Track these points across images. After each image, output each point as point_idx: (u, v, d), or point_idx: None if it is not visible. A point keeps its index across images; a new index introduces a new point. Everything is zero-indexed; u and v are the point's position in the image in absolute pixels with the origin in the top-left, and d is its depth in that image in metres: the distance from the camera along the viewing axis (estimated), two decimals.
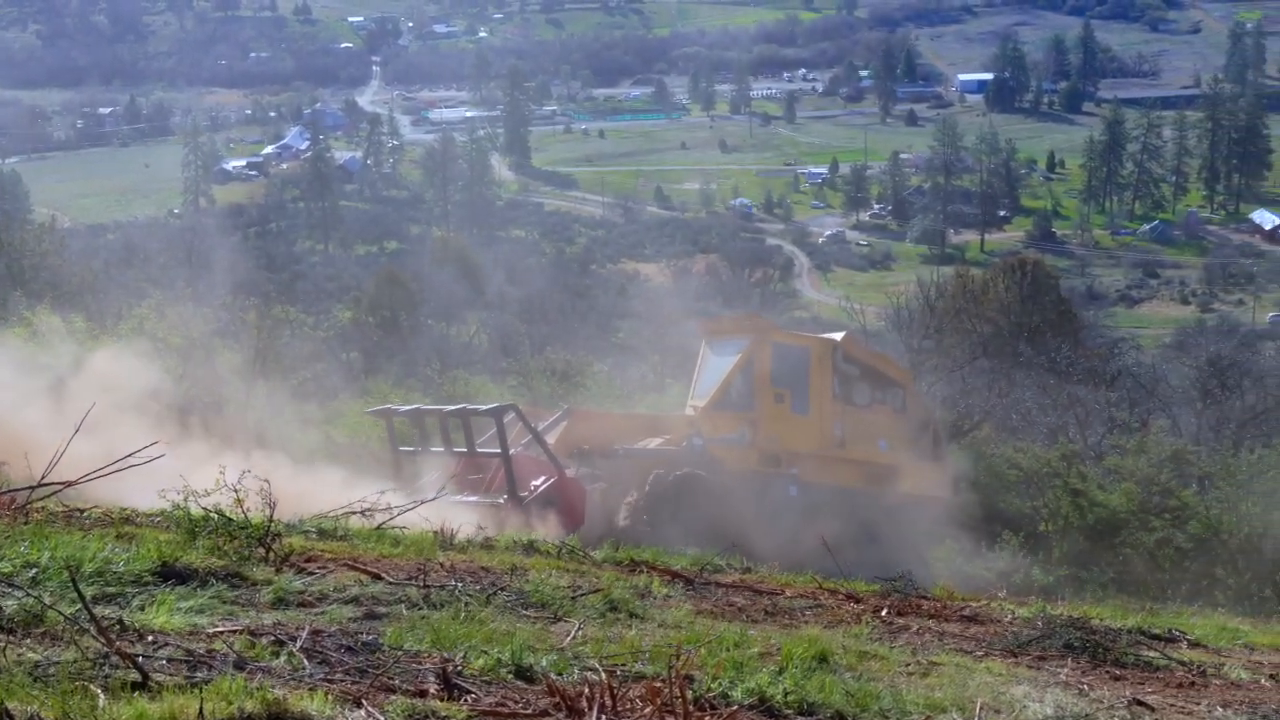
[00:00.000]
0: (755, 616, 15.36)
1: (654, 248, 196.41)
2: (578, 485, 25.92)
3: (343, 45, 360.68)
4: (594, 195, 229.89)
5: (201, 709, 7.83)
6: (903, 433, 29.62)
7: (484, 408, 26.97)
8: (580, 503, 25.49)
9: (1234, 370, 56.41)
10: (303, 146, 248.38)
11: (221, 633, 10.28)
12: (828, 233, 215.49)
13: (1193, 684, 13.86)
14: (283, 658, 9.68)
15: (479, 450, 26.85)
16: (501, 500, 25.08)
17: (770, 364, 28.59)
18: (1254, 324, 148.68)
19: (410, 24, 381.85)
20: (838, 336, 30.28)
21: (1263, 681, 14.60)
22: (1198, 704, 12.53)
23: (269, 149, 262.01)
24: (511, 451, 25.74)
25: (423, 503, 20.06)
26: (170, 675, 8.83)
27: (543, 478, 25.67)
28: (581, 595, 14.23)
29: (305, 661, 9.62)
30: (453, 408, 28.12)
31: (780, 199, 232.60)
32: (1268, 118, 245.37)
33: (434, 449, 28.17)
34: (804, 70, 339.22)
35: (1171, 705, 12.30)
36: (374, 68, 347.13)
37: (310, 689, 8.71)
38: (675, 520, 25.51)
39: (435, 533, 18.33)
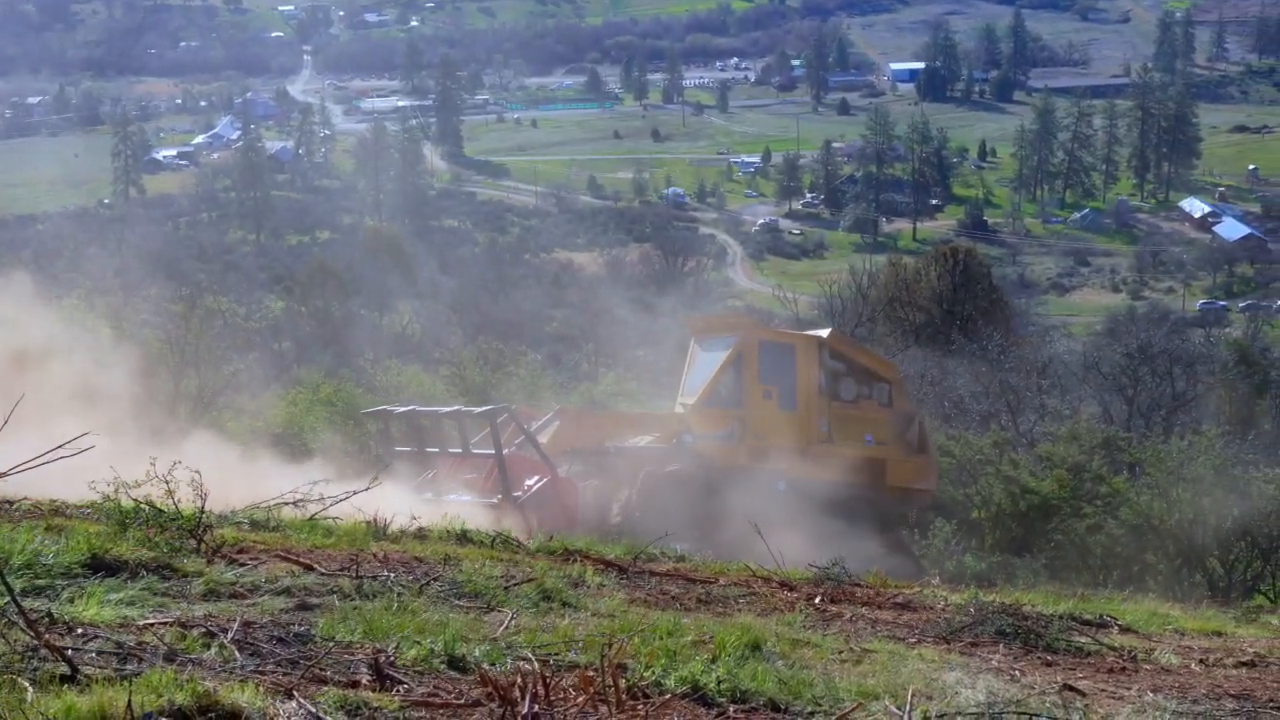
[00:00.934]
0: (689, 605, 15.37)
1: (587, 237, 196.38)
2: (571, 485, 26.27)
3: (274, 34, 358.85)
4: (527, 185, 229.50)
5: (130, 702, 7.77)
6: (889, 426, 29.80)
7: (478, 410, 27.34)
8: (574, 502, 25.83)
9: (1164, 357, 56.79)
10: (234, 136, 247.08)
11: (152, 625, 10.21)
12: (761, 221, 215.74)
13: (1123, 669, 13.94)
14: (214, 650, 9.62)
15: (474, 451, 27.11)
16: (496, 500, 25.29)
17: (758, 362, 28.88)
18: (1184, 311, 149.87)
19: (341, 13, 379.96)
20: (824, 333, 30.66)
21: (1193, 666, 14.70)
22: (1128, 689, 12.60)
23: (200, 138, 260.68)
24: (505, 452, 25.97)
25: (356, 493, 19.97)
26: (100, 668, 8.75)
27: (536, 477, 25.96)
28: (515, 585, 14.20)
29: (236, 653, 9.57)
30: (448, 409, 28.48)
31: (713, 188, 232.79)
32: (1197, 106, 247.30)
33: (430, 449, 28.30)
34: (736, 59, 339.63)
35: (1102, 690, 12.37)
36: (305, 57, 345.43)
37: (241, 681, 8.66)
38: (666, 516, 25.40)
39: (368, 523, 18.26)
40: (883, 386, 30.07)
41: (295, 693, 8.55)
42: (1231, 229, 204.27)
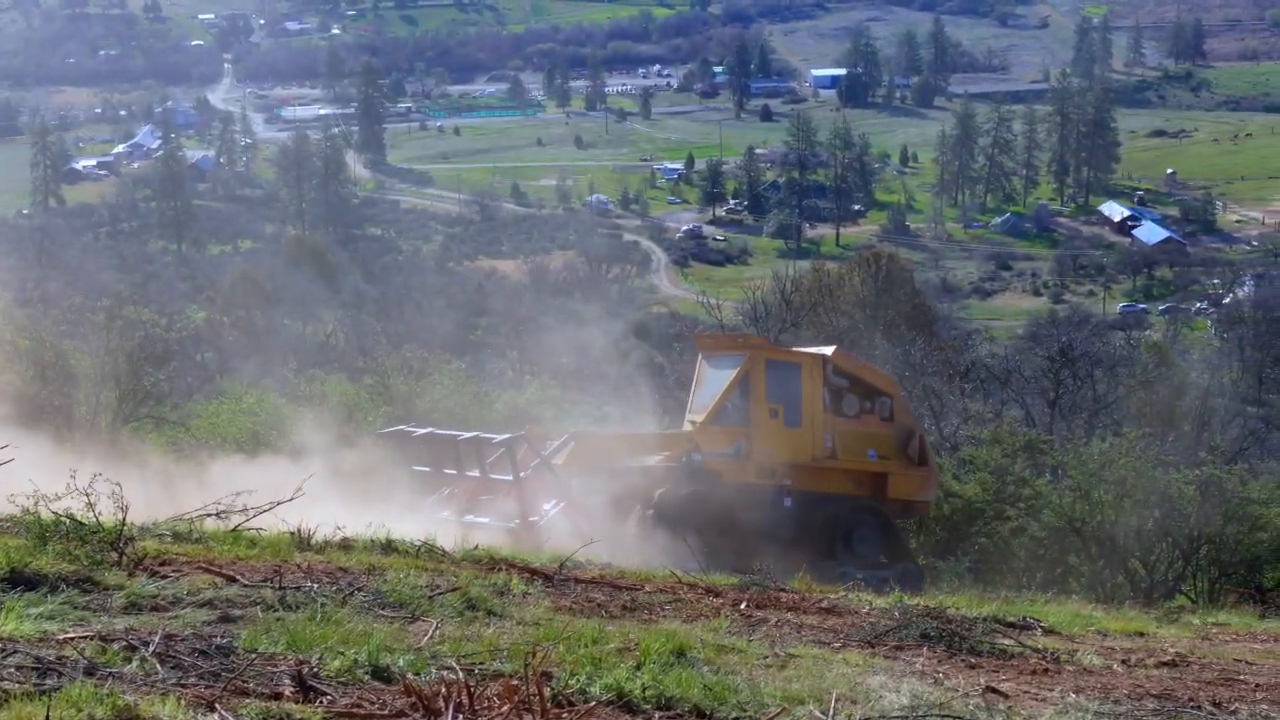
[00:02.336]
0: (614, 612, 15.36)
1: (511, 245, 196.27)
2: (584, 508, 26.69)
3: (193, 43, 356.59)
4: (450, 192, 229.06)
5: (49, 716, 7.71)
6: (890, 441, 30.27)
7: (498, 438, 27.72)
8: (587, 523, 26.06)
9: (1085, 360, 57.13)
10: (154, 145, 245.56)
11: (72, 639, 10.13)
12: (684, 228, 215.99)
13: (1046, 670, 14.04)
14: (135, 663, 9.55)
15: (491, 476, 27.56)
16: (514, 524, 25.86)
17: (765, 380, 29.29)
18: (1104, 314, 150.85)
19: (262, 21, 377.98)
20: (828, 351, 31.01)
21: (1115, 667, 14.81)
22: (1051, 690, 12.69)
23: (120, 148, 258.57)
24: (522, 475, 26.59)
25: (279, 504, 19.87)
26: (19, 683, 8.68)
27: (554, 502, 26.60)
28: (439, 594, 14.16)
29: (158, 666, 9.50)
30: (467, 435, 28.56)
31: (637, 195, 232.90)
32: (1115, 111, 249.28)
33: (448, 470, 28.51)
34: (659, 66, 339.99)
35: (1025, 692, 12.45)
36: (226, 65, 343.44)
37: (162, 694, 8.61)
38: (679, 534, 26.13)
39: (292, 534, 18.17)
40: (884, 401, 30.52)
41: (217, 705, 8.50)
42: (1151, 233, 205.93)
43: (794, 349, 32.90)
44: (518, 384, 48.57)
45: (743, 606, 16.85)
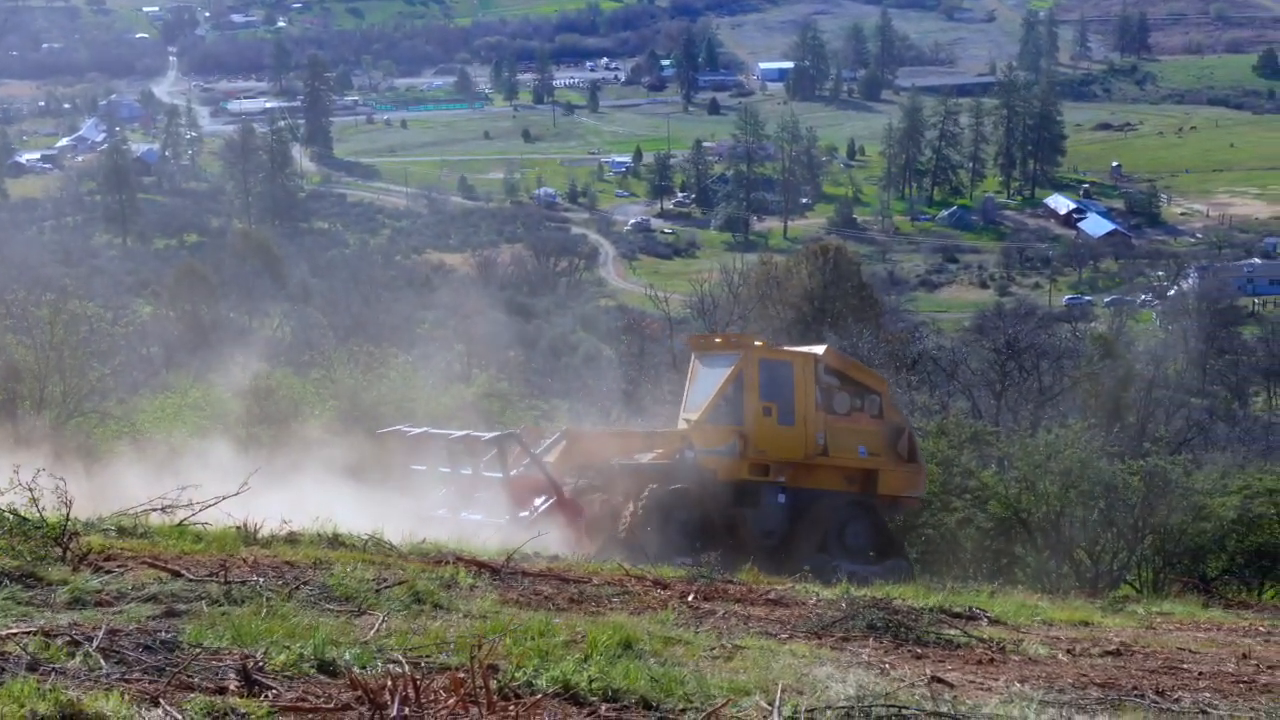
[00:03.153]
0: (561, 605, 15.37)
1: (458, 238, 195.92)
2: (575, 505, 27.08)
3: (138, 35, 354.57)
4: (397, 186, 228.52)
5: None
6: (880, 438, 30.57)
7: (487, 435, 28.20)
8: (578, 520, 26.68)
9: (1031, 352, 57.38)
10: (99, 139, 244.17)
11: (15, 634, 10.06)
12: (632, 221, 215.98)
13: (992, 660, 14.10)
14: (78, 658, 9.50)
15: (484, 474, 27.86)
16: (504, 521, 26.04)
17: (758, 379, 29.56)
18: (1050, 307, 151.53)
19: (207, 13, 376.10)
20: (819, 350, 31.41)
21: (1060, 656, 14.89)
22: (996, 680, 12.74)
23: (64, 141, 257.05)
24: (513, 473, 27.07)
25: (226, 498, 19.82)
26: None
27: (543, 498, 26.86)
28: (386, 587, 14.14)
29: (102, 661, 9.46)
30: (458, 434, 28.94)
31: (584, 188, 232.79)
32: (1061, 104, 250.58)
33: (443, 468, 28.81)
34: (606, 59, 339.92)
35: (971, 682, 12.50)
36: (171, 58, 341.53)
37: (106, 689, 8.57)
38: (670, 530, 26.68)
39: (238, 528, 18.12)
40: (873, 399, 30.78)
41: (161, 700, 8.47)
42: (1096, 225, 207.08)
43: (787, 348, 33.19)
44: (466, 377, 48.48)
45: (690, 598, 16.88)
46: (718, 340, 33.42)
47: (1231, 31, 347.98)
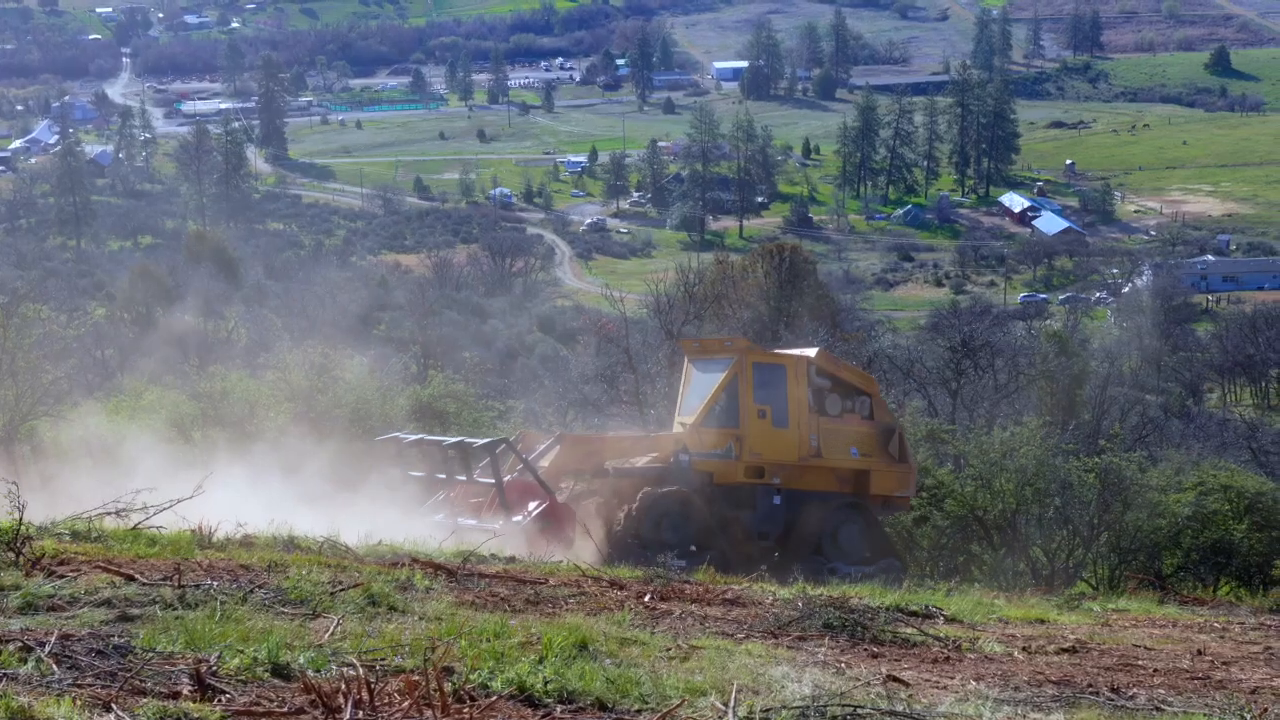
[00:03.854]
0: (518, 606, 15.32)
1: (414, 239, 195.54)
2: (568, 509, 27.10)
3: (91, 37, 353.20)
4: (352, 186, 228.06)
5: None
6: (871, 439, 30.72)
7: (479, 442, 28.46)
8: (570, 525, 26.65)
9: (986, 350, 57.59)
10: (52, 140, 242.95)
11: None
12: (588, 221, 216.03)
13: (948, 659, 14.13)
14: (30, 664, 9.44)
15: (477, 479, 28.11)
16: (498, 526, 26.10)
17: (752, 382, 29.75)
18: (1005, 304, 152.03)
19: (160, 15, 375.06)
20: (811, 353, 31.54)
21: (1015, 654, 14.93)
22: (952, 678, 12.76)
23: (17, 143, 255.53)
24: (507, 478, 27.23)
25: (180, 501, 19.75)
26: None
27: (536, 502, 26.91)
28: (341, 590, 14.08)
29: (54, 667, 9.40)
30: (451, 440, 29.25)
31: (540, 188, 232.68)
32: (1015, 103, 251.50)
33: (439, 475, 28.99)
34: (561, 59, 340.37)
35: (926, 680, 12.52)
36: (124, 59, 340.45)
37: (58, 695, 8.52)
38: (665, 532, 27.05)
39: (193, 531, 18.03)
40: (864, 400, 30.94)
41: (114, 705, 8.42)
42: (1050, 223, 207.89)
43: (779, 350, 33.37)
44: (421, 378, 48.33)
45: (647, 599, 16.86)
46: (711, 343, 33.56)
47: (1183, 29, 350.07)
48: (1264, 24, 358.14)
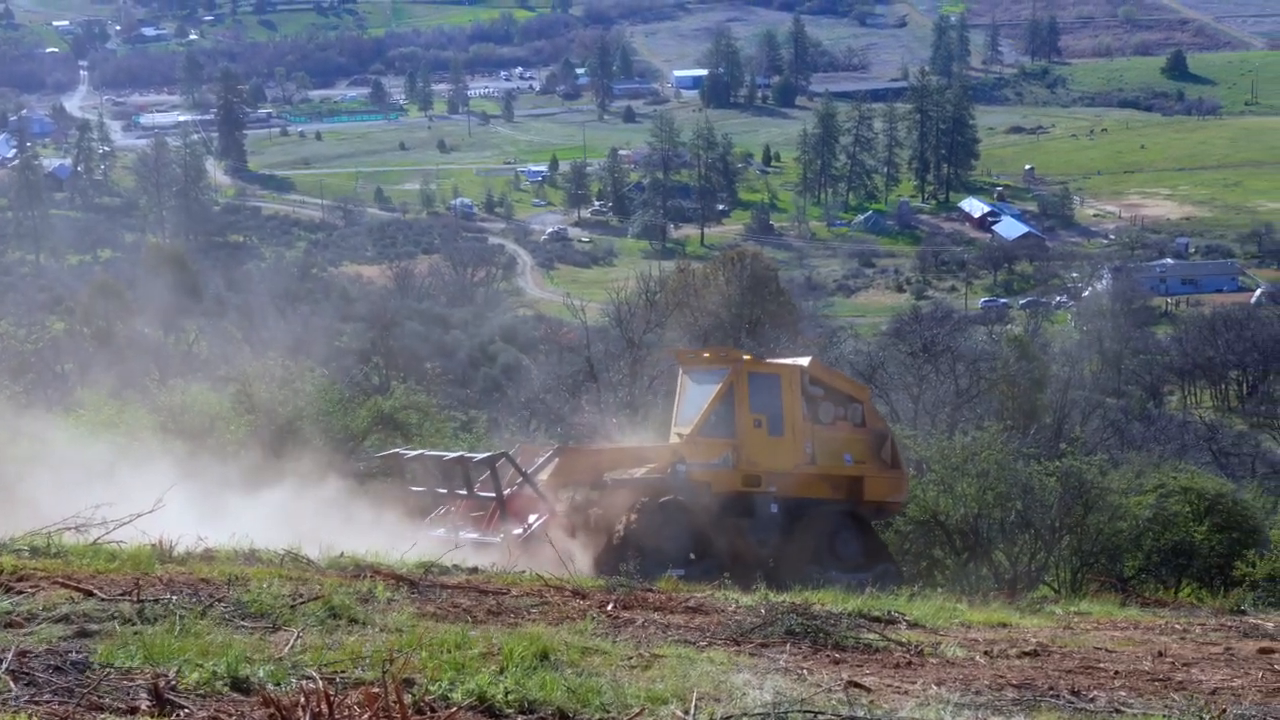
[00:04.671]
0: (479, 617, 15.30)
1: (375, 250, 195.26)
2: (567, 522, 27.33)
3: (48, 50, 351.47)
4: (313, 198, 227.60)
5: None
6: (864, 445, 30.98)
7: (479, 456, 28.60)
8: (570, 537, 26.85)
9: (947, 355, 57.71)
10: (9, 154, 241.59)
11: None
12: (550, 230, 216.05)
13: (910, 664, 14.16)
14: None
15: (479, 493, 28.31)
16: (498, 539, 26.46)
17: (748, 392, 30.02)
18: (966, 310, 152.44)
19: (118, 27, 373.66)
20: (804, 362, 31.73)
21: (977, 659, 14.96)
22: (914, 683, 12.78)
23: None
24: (507, 491, 27.55)
25: (139, 516, 19.67)
26: None
27: (536, 516, 27.23)
28: (302, 603, 14.03)
29: (11, 684, 9.35)
30: (451, 455, 29.51)
31: (501, 198, 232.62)
32: (973, 108, 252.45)
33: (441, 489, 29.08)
34: (521, 69, 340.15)
35: (888, 685, 12.54)
36: (82, 72, 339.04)
37: (14, 711, 8.48)
38: (663, 542, 27.06)
39: (153, 546, 17.95)
40: (855, 407, 31.16)
41: None
42: (1010, 228, 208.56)
43: (773, 360, 33.58)
44: (384, 389, 48.22)
45: (609, 608, 16.85)
46: (705, 355, 33.73)
47: (1140, 34, 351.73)
48: (1220, 28, 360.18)
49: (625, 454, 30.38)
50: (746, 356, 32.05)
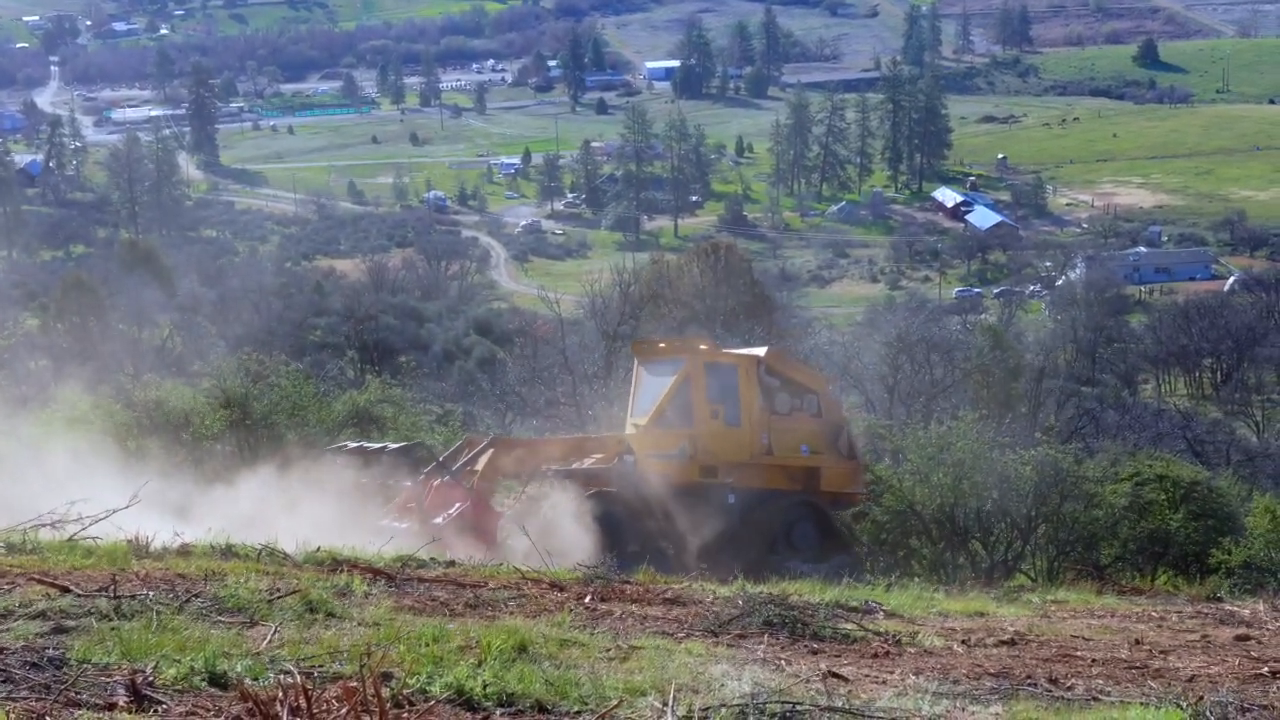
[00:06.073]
0: (457, 610, 15.27)
1: (349, 243, 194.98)
2: (490, 510, 27.33)
3: (18, 45, 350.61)
4: (285, 192, 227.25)
5: None
6: (821, 436, 30.95)
7: (395, 446, 28.86)
8: (493, 526, 26.74)
9: (922, 345, 57.84)
10: None
11: None
12: (523, 223, 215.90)
13: (887, 653, 14.16)
14: None
15: (403, 482, 28.11)
16: (404, 526, 26.11)
17: (705, 382, 30.09)
18: (941, 299, 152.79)
19: (88, 22, 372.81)
20: (761, 352, 31.81)
21: (955, 648, 14.97)
22: (891, 673, 12.80)
23: None
24: (443, 480, 27.47)
25: (114, 512, 19.64)
26: None
27: (458, 504, 26.96)
28: (279, 597, 13.99)
29: None
30: (375, 446, 29.26)
31: (474, 190, 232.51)
32: (946, 98, 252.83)
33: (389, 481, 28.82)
34: (493, 61, 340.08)
35: (866, 675, 12.55)
36: (53, 68, 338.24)
37: None
38: (606, 534, 26.60)
39: (129, 542, 17.90)
40: (812, 398, 31.09)
41: (48, 718, 8.36)
42: (983, 217, 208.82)
43: (730, 350, 33.48)
44: (358, 383, 48.18)
45: (587, 600, 16.84)
46: (661, 345, 33.65)
47: (1111, 23, 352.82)
48: (1190, 16, 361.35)
49: (563, 445, 30.33)
50: (703, 346, 32.07)
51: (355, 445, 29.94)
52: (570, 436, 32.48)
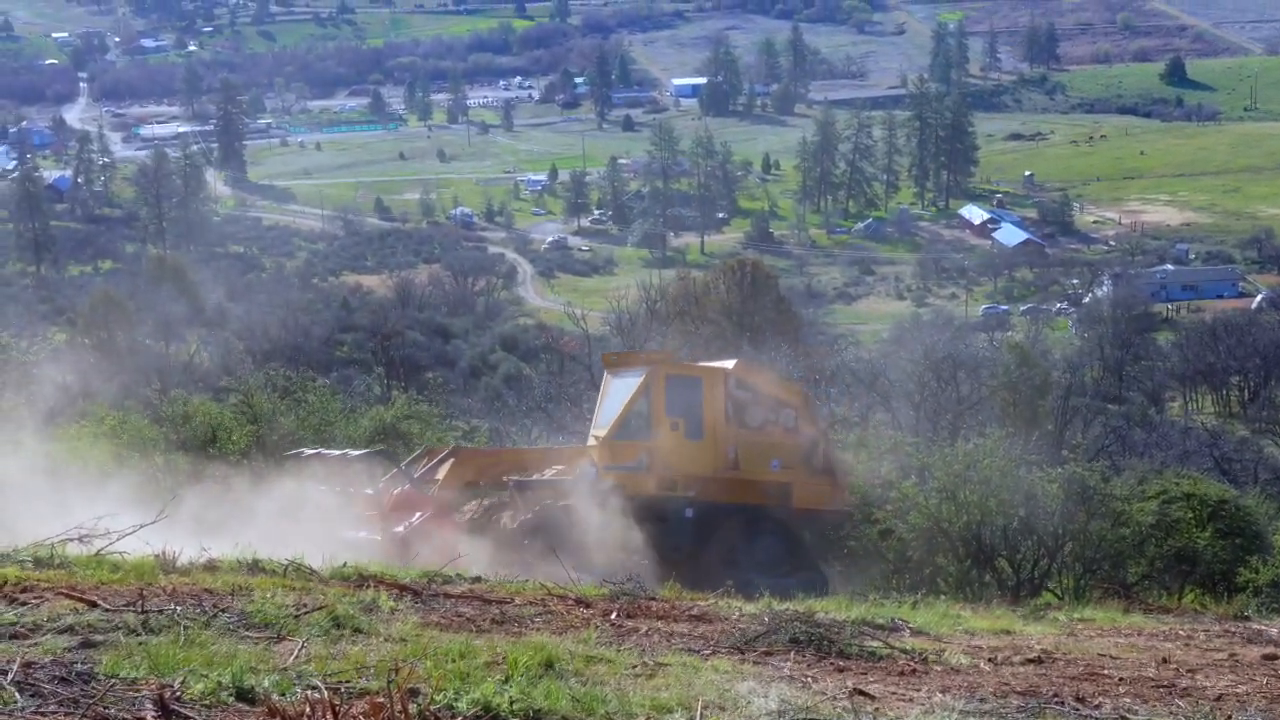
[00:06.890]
0: (483, 626, 15.27)
1: (375, 259, 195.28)
2: (450, 519, 27.22)
3: (48, 61, 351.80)
4: (313, 208, 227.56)
5: None
6: (795, 451, 30.61)
7: (355, 453, 28.95)
8: (452, 535, 26.49)
9: (948, 363, 57.67)
10: (9, 166, 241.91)
11: None
12: (549, 239, 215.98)
13: (914, 671, 14.12)
14: None
15: (366, 491, 28.03)
16: (361, 535, 26.15)
17: (665, 395, 29.78)
18: (967, 317, 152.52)
19: (117, 39, 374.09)
20: (729, 365, 31.42)
21: (981, 665, 14.93)
22: (918, 690, 12.77)
23: None
24: (404, 488, 27.48)
25: (142, 526, 19.67)
26: None
27: (419, 513, 26.94)
28: (306, 613, 14.01)
29: (17, 695, 9.35)
30: (335, 453, 29.20)
31: (501, 207, 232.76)
32: (972, 115, 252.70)
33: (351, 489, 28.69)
34: (520, 78, 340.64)
35: (893, 693, 12.52)
36: (81, 84, 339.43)
37: None
38: (562, 545, 26.14)
39: (157, 557, 17.94)
40: (788, 412, 30.84)
41: None
42: (1010, 235, 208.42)
43: (696, 363, 33.35)
44: (385, 399, 48.27)
45: (613, 616, 16.83)
46: (629, 357, 33.55)
47: (1138, 40, 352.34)
48: (1218, 34, 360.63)
49: (525, 456, 30.44)
50: (667, 358, 31.95)
51: (313, 452, 29.93)
52: (533, 447, 32.46)
